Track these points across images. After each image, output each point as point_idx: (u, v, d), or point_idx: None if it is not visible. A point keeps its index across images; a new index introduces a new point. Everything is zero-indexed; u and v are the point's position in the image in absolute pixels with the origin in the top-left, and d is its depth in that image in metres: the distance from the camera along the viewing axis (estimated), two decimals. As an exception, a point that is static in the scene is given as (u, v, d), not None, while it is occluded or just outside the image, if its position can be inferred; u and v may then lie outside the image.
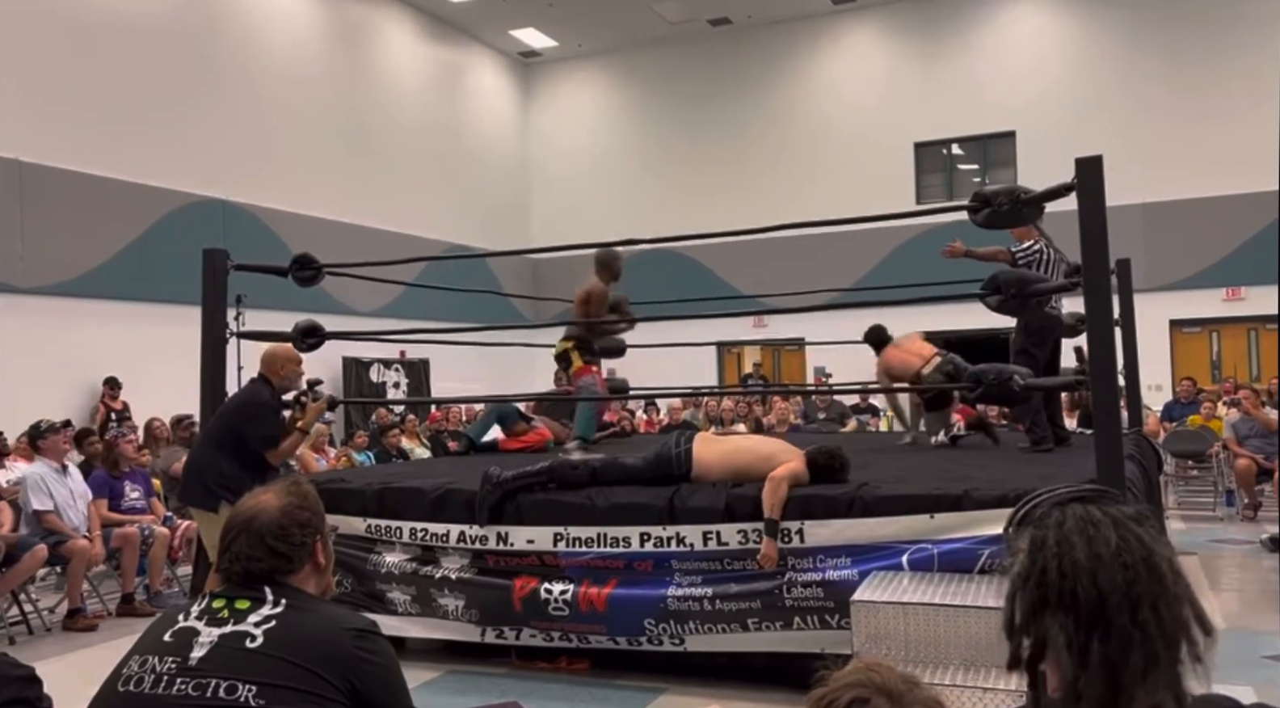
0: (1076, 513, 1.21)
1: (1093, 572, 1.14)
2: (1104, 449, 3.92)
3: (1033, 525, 1.23)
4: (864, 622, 3.64)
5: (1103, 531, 1.17)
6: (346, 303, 13.12)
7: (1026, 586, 1.19)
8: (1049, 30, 15.65)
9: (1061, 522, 1.20)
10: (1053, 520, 1.21)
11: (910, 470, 5.07)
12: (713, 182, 17.22)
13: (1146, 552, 1.16)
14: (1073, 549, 1.16)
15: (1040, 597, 1.17)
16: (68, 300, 10.43)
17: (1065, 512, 1.22)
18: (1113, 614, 1.12)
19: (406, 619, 4.92)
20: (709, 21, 17.20)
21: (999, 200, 4.23)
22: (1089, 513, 1.20)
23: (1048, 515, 1.23)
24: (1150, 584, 1.14)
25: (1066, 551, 1.17)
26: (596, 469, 4.80)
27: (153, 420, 9.37)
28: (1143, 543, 1.17)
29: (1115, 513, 1.20)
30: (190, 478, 5.13)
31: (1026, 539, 1.22)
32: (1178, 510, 9.59)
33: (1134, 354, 7.38)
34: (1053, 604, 1.16)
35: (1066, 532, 1.19)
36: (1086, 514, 1.20)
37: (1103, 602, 1.13)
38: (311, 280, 5.93)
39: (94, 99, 10.98)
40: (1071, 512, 1.21)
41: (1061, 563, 1.16)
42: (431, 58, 16.68)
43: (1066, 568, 1.16)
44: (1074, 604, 1.14)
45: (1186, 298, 14.11)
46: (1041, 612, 1.17)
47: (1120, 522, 1.19)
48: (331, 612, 1.81)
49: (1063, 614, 1.15)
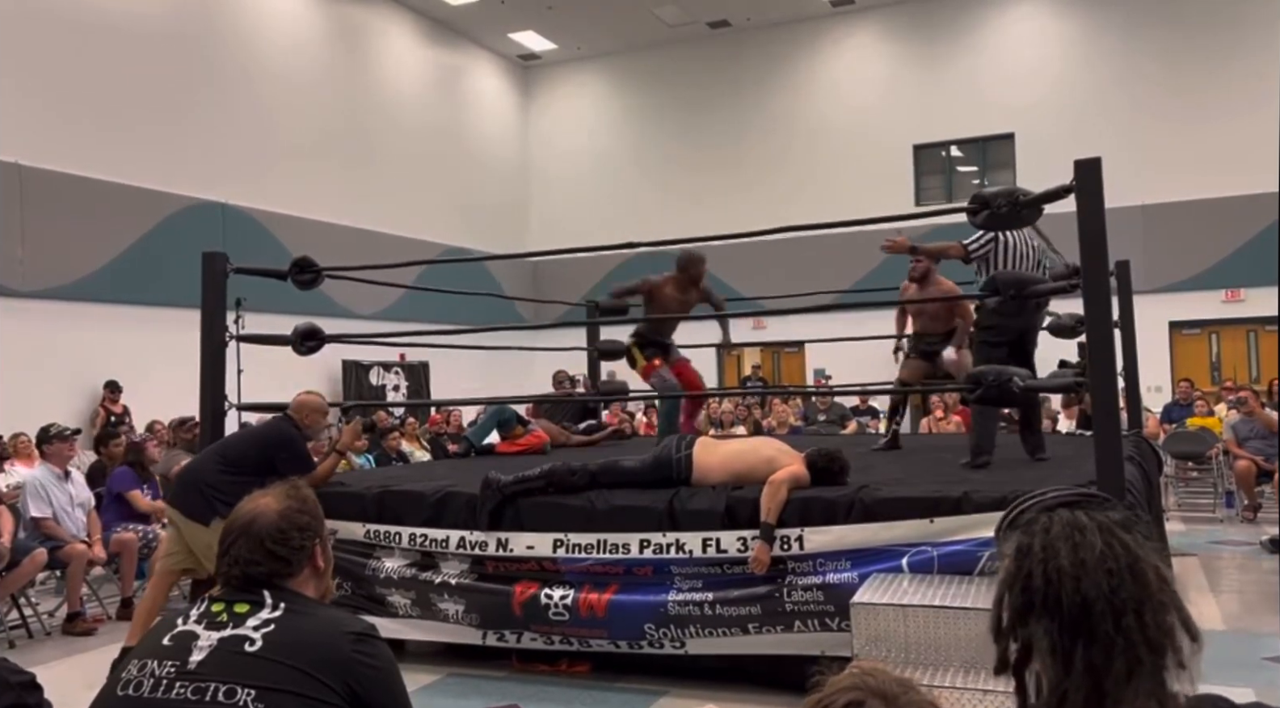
0: (1063, 519, 1.21)
1: (1077, 578, 1.15)
2: (1104, 451, 3.92)
3: (1020, 531, 1.24)
4: (864, 624, 3.64)
5: (1088, 537, 1.18)
6: (346, 306, 13.13)
7: (1012, 590, 1.20)
8: (1048, 32, 15.66)
9: (1048, 528, 1.21)
10: (1039, 526, 1.22)
11: (910, 473, 5.07)
12: (712, 184, 17.23)
13: (1132, 559, 1.16)
14: (1058, 555, 1.17)
15: (1026, 602, 1.18)
16: (68, 304, 10.44)
17: (1052, 518, 1.22)
18: (1096, 621, 1.13)
19: (407, 622, 4.92)
20: (708, 24, 17.22)
21: (998, 202, 4.23)
22: (1075, 519, 1.21)
23: (1035, 521, 1.23)
24: (1135, 591, 1.14)
25: (1052, 557, 1.17)
26: (595, 473, 4.79)
27: (153, 424, 9.37)
28: (1128, 549, 1.17)
29: (1102, 519, 1.21)
30: (188, 487, 5.11)
31: (1013, 544, 1.23)
32: (1178, 512, 9.59)
33: (1133, 356, 7.37)
34: (1038, 610, 1.16)
35: (1052, 538, 1.19)
36: (1073, 520, 1.21)
37: (1087, 608, 1.14)
38: (311, 283, 5.93)
39: (94, 102, 10.99)
40: (1058, 518, 1.22)
41: (1046, 569, 1.17)
42: (431, 60, 16.70)
43: (1051, 574, 1.16)
44: (1058, 610, 1.15)
45: (1186, 299, 14.12)
46: (1027, 617, 1.17)
47: (1106, 528, 1.19)
48: (330, 615, 1.81)
49: (1047, 619, 1.15)
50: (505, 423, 7.31)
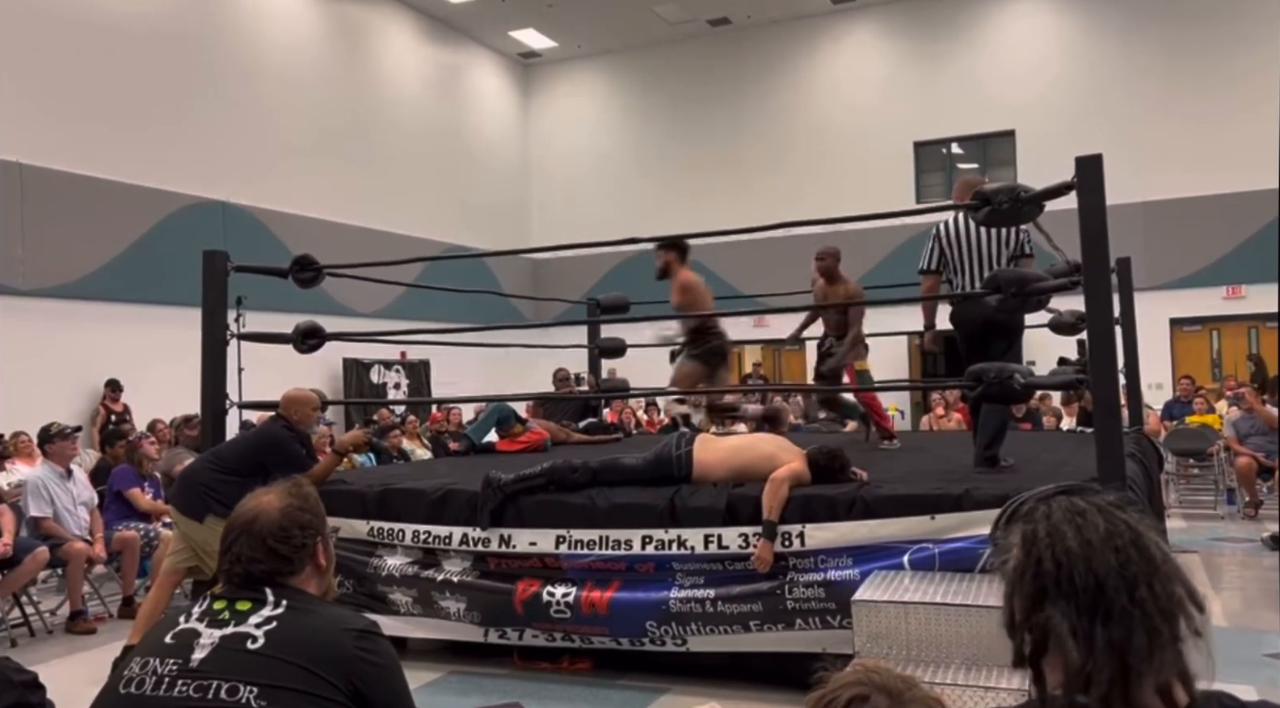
0: (1063, 505, 1.23)
1: (1086, 558, 1.16)
2: (1105, 448, 3.92)
3: (1021, 521, 1.25)
4: (865, 622, 3.64)
5: (1090, 518, 1.20)
6: (347, 304, 13.12)
7: (1023, 580, 1.21)
8: (1048, 29, 15.65)
9: (1049, 514, 1.23)
10: (1040, 514, 1.24)
11: (911, 471, 5.07)
12: (713, 181, 17.22)
13: (1135, 534, 1.18)
14: (1064, 538, 1.19)
15: (1038, 589, 1.18)
16: (68, 303, 10.44)
17: (1051, 505, 1.24)
18: (1112, 597, 1.14)
19: (409, 620, 4.92)
20: (708, 22, 17.20)
21: (999, 199, 4.23)
22: (1074, 504, 1.23)
23: (1035, 510, 1.25)
24: (1142, 564, 1.16)
25: (1059, 540, 1.19)
26: (596, 471, 4.79)
27: (155, 422, 9.37)
28: (1130, 526, 1.19)
29: (1099, 501, 1.23)
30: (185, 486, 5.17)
31: (1018, 535, 1.24)
32: (1179, 509, 9.59)
33: (1134, 353, 7.37)
34: (1051, 595, 1.17)
35: (1056, 523, 1.21)
36: (1072, 505, 1.23)
37: (1100, 586, 1.15)
38: (312, 282, 5.93)
39: (94, 101, 10.98)
40: (1058, 504, 1.24)
41: (1055, 553, 1.18)
42: (431, 59, 16.69)
43: (1060, 557, 1.17)
44: (1072, 592, 1.16)
45: (1186, 296, 14.11)
46: (1041, 604, 1.18)
47: (1105, 509, 1.22)
48: (332, 613, 1.81)
49: (1063, 603, 1.16)
50: (504, 421, 7.32)
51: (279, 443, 5.17)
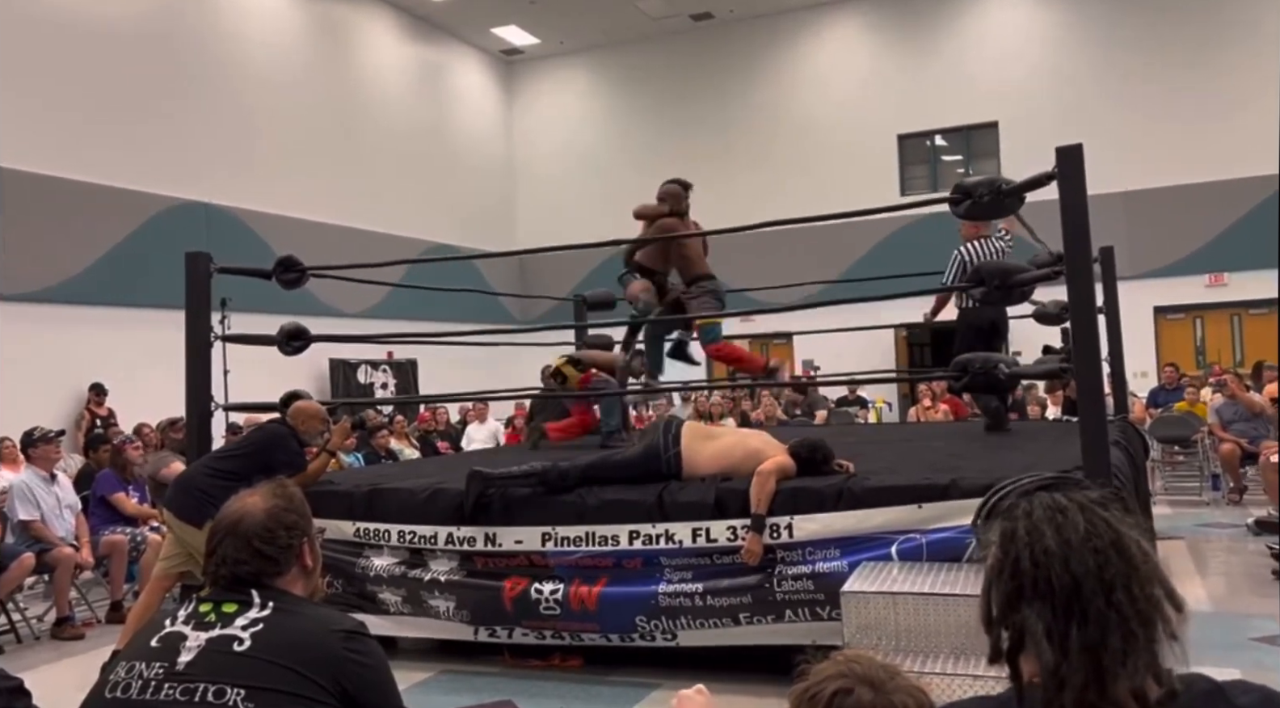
0: (1044, 502, 1.21)
1: (1065, 559, 1.15)
2: (1089, 437, 3.94)
3: (1001, 517, 1.23)
4: (854, 613, 3.65)
5: (1071, 517, 1.18)
6: (332, 305, 13.07)
7: (1001, 578, 1.19)
8: (1030, 20, 15.70)
9: (1029, 512, 1.21)
10: (1020, 511, 1.22)
11: (899, 461, 5.09)
12: (697, 175, 16.93)
13: (1115, 535, 1.17)
14: (1043, 538, 1.17)
15: (1015, 588, 1.17)
16: (51, 307, 10.36)
17: (1032, 501, 1.22)
18: (1088, 599, 1.13)
19: (398, 620, 4.92)
20: (691, 16, 17.19)
21: (980, 192, 4.25)
22: (1055, 501, 1.21)
23: (1015, 506, 1.23)
24: (1121, 566, 1.15)
25: (1037, 539, 1.17)
26: (586, 471, 4.79)
27: (141, 426, 9.31)
28: (1110, 526, 1.18)
29: (1081, 498, 1.21)
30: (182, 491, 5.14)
31: (997, 532, 1.22)
32: (1165, 496, 9.66)
33: (1118, 341, 7.41)
34: (1028, 594, 1.16)
35: (1035, 521, 1.19)
36: (1053, 502, 1.21)
37: (1077, 588, 1.13)
38: (296, 283, 5.90)
39: (74, 103, 10.90)
40: (1039, 501, 1.22)
41: (1033, 552, 1.17)
42: (413, 57, 16.62)
43: (1039, 557, 1.16)
44: (1049, 592, 1.14)
45: (1169, 285, 14.20)
46: (1018, 602, 1.17)
47: (1087, 507, 1.19)
48: (320, 614, 1.81)
49: (1039, 603, 1.15)
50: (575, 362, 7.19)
51: (284, 440, 5.20)
